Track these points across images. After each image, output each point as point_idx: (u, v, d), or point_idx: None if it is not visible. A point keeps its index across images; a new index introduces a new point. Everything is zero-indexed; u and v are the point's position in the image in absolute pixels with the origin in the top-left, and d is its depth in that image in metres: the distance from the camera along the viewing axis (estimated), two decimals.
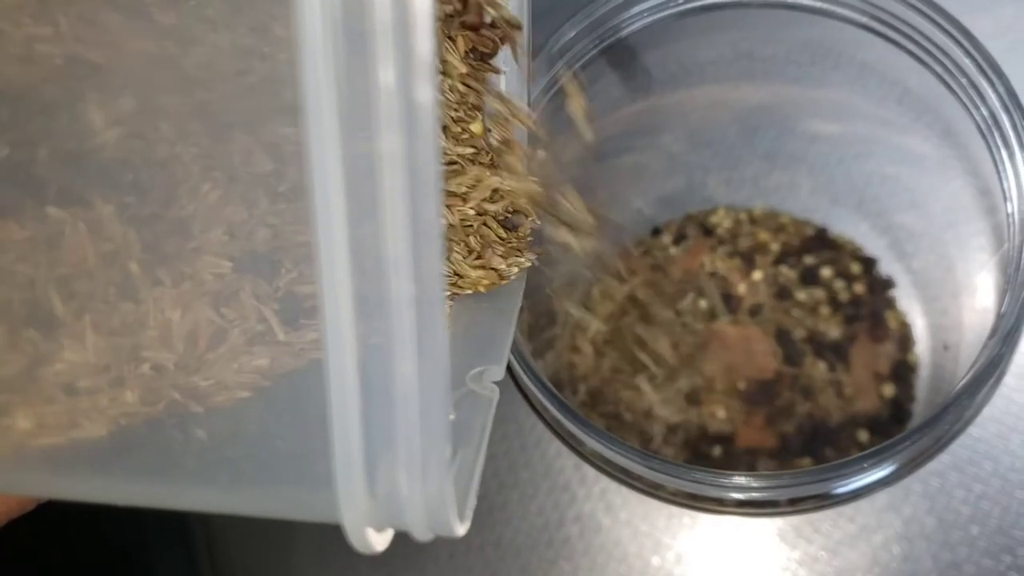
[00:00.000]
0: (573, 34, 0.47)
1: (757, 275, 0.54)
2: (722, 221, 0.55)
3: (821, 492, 0.42)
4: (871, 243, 0.54)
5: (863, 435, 0.51)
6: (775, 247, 0.54)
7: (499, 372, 0.35)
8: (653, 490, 0.41)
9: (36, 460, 0.25)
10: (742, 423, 0.51)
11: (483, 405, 0.32)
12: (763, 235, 0.55)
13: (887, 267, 0.54)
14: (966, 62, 0.45)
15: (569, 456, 0.47)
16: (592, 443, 0.41)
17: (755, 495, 0.41)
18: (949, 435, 0.42)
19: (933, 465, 0.44)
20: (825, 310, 0.53)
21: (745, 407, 0.52)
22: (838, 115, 0.52)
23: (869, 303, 0.53)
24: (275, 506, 0.25)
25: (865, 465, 0.41)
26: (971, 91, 0.45)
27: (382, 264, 0.20)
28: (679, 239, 0.55)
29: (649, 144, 0.53)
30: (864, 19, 0.46)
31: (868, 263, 0.54)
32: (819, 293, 0.53)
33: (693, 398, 0.52)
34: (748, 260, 0.54)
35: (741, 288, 0.54)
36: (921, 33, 0.45)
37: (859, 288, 0.53)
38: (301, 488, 0.24)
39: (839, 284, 0.54)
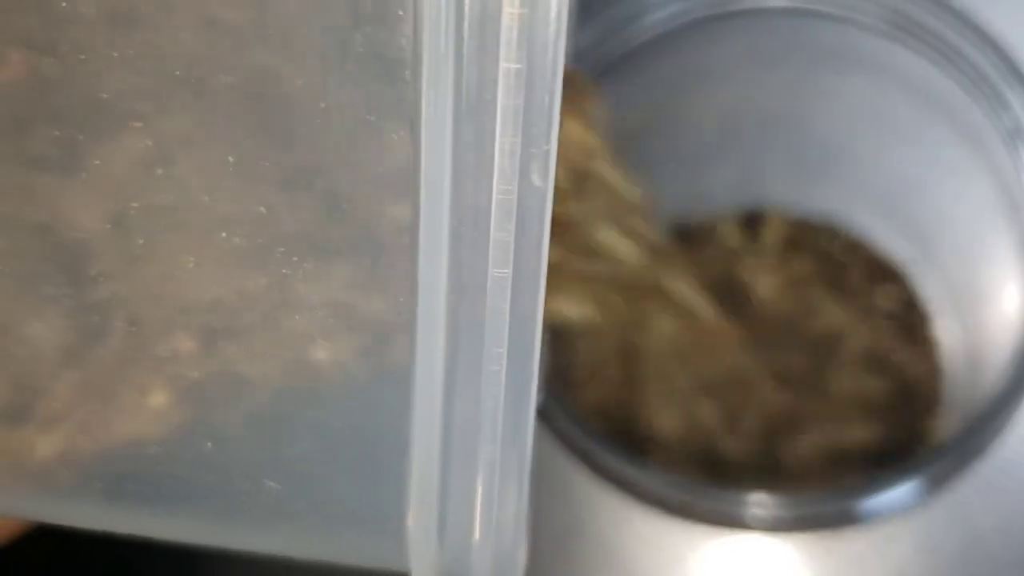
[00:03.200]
0: (588, 43, 0.46)
1: (776, 281, 0.53)
2: (740, 228, 0.54)
3: (843, 511, 0.42)
4: (892, 249, 0.53)
5: (886, 447, 0.50)
6: (794, 252, 0.54)
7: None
8: (671, 507, 0.41)
9: (94, 482, 0.24)
10: (760, 438, 0.51)
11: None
12: (782, 241, 0.54)
13: (909, 273, 0.53)
14: (989, 70, 0.44)
15: (581, 468, 0.46)
16: (610, 462, 0.41)
17: (776, 513, 0.41)
18: (976, 454, 0.42)
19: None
20: (845, 318, 0.52)
21: (764, 422, 0.51)
22: (858, 120, 0.51)
23: (891, 310, 0.52)
24: (332, 554, 0.24)
25: (889, 484, 0.41)
26: (994, 100, 0.45)
27: (478, 288, 0.20)
28: (695, 246, 0.54)
29: (665, 151, 0.52)
30: (884, 26, 0.46)
31: (889, 270, 0.53)
32: (839, 300, 0.53)
33: (708, 417, 0.51)
34: (766, 267, 0.53)
35: (759, 296, 0.53)
36: (943, 40, 0.45)
37: (881, 295, 0.53)
38: (366, 538, 0.24)
39: (860, 291, 0.53)
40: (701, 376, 0.51)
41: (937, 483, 0.42)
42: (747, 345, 0.51)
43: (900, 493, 0.42)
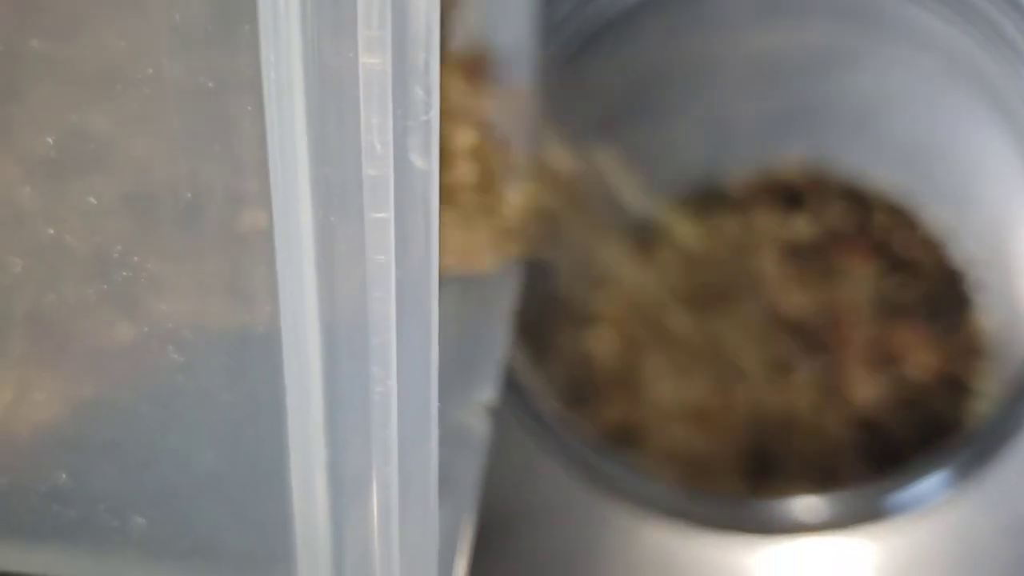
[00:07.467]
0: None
1: (795, 243, 0.50)
2: (752, 187, 0.51)
3: (874, 506, 0.40)
4: (916, 212, 0.50)
5: (924, 426, 0.48)
6: (814, 214, 0.51)
7: (491, 391, 0.30)
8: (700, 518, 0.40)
9: None
10: (786, 432, 0.48)
11: (471, 444, 0.27)
12: (801, 202, 0.51)
13: (941, 239, 0.50)
14: (1014, 33, 0.43)
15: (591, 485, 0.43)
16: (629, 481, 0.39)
17: (806, 518, 0.40)
18: (1008, 438, 0.40)
19: None
20: (870, 282, 0.50)
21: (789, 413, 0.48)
22: (878, 79, 0.48)
23: (920, 274, 0.49)
24: None
25: (918, 476, 0.40)
26: (1017, 61, 0.43)
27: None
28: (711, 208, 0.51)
29: (679, 111, 0.49)
30: None
31: (924, 233, 0.50)
32: (863, 264, 0.50)
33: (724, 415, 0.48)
34: (784, 229, 0.51)
35: (777, 259, 0.50)
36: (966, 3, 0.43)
37: (908, 259, 0.50)
38: None
39: (885, 253, 0.49)
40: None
41: (969, 471, 0.40)
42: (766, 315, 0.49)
43: (931, 484, 0.40)
